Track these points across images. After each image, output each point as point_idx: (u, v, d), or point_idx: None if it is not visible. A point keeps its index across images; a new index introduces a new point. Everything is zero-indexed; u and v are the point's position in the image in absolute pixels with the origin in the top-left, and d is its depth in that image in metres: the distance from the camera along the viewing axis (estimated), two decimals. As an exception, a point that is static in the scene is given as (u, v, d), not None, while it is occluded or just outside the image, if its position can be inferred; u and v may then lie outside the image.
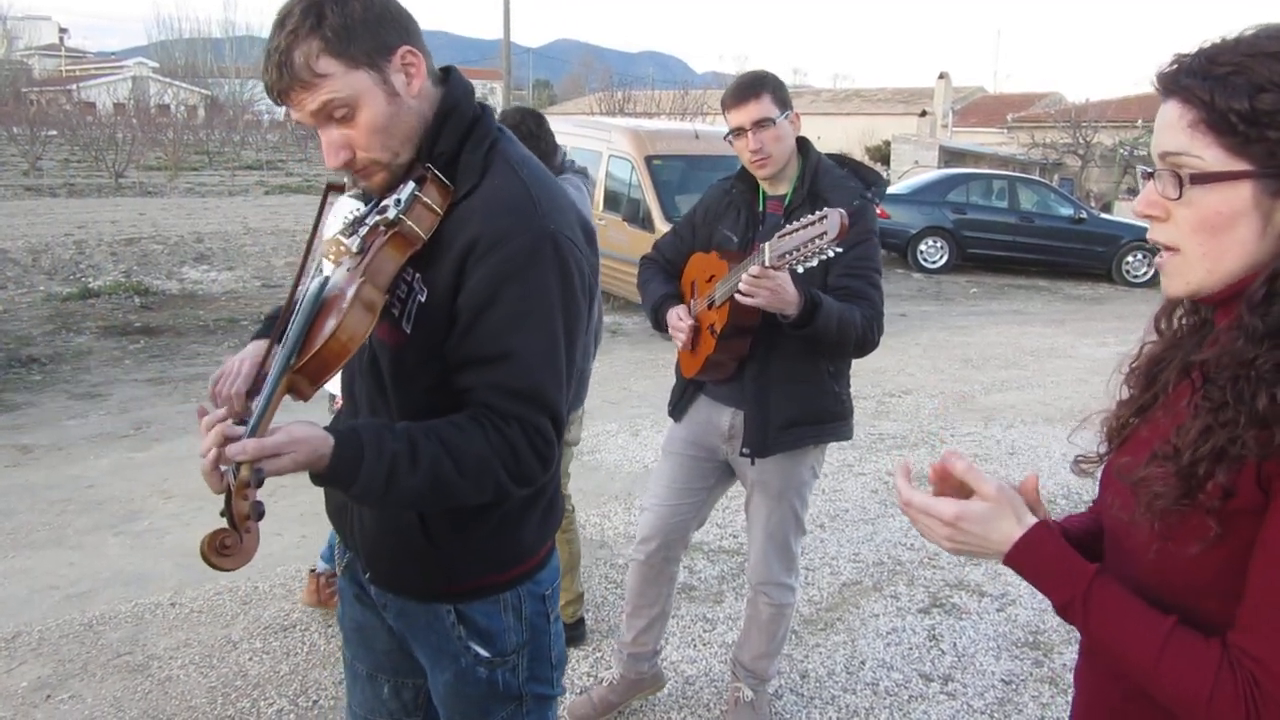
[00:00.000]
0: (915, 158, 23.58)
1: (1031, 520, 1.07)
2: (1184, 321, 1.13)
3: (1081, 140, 23.90)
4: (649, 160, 9.28)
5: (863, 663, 3.41)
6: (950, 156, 23.47)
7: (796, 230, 2.14)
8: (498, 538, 1.57)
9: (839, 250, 2.12)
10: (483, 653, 1.59)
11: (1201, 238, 0.98)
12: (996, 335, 9.71)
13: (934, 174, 16.28)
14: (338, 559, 1.77)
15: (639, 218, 9.13)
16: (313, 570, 3.64)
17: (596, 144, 10.10)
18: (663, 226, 8.47)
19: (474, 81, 1.60)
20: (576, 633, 3.47)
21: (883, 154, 28.22)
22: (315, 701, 3.06)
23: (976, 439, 6.17)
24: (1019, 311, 11.34)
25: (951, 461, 1.10)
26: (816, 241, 2.09)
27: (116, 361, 7.41)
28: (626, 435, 5.96)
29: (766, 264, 2.18)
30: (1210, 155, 0.95)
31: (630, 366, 7.77)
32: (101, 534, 4.34)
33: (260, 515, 1.25)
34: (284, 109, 1.48)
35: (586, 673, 3.28)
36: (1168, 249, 1.02)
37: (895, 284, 12.78)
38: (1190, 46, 1.01)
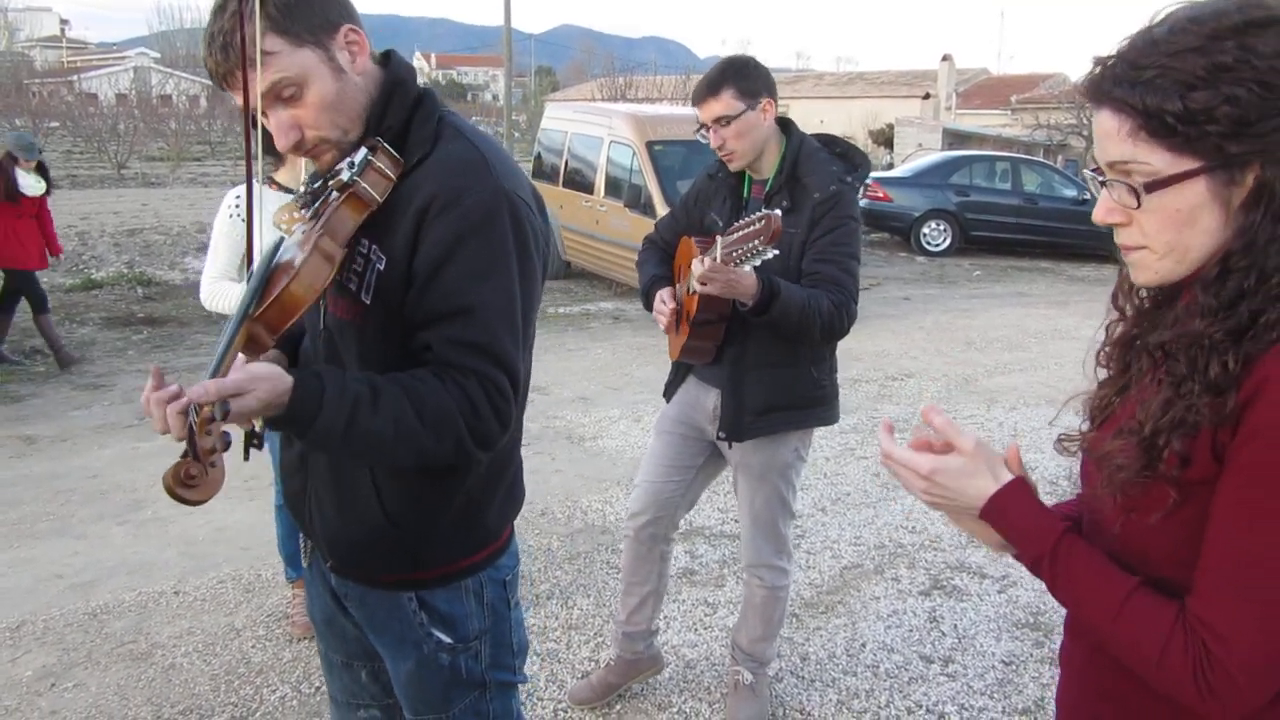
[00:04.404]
0: (919, 140, 23.47)
1: (1008, 477, 1.09)
2: (1144, 298, 1.14)
3: (1085, 121, 23.72)
4: (650, 145, 9.25)
5: (863, 645, 3.42)
6: (954, 139, 23.35)
7: (739, 230, 2.17)
8: (462, 520, 1.56)
9: (776, 252, 2.15)
10: (445, 639, 1.58)
11: (1168, 236, 0.99)
12: (1000, 318, 9.69)
13: (937, 156, 16.20)
14: (302, 549, 1.75)
15: (640, 203, 9.11)
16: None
17: (598, 130, 10.08)
18: (664, 212, 8.45)
19: (476, 69, 1.61)
20: None
21: (886, 137, 28.09)
22: (318, 688, 3.08)
23: (979, 421, 6.16)
24: (1022, 294, 11.30)
25: (930, 416, 1.12)
26: (755, 243, 2.11)
27: (120, 352, 7.43)
28: (628, 421, 5.96)
29: (718, 259, 2.19)
30: (1158, 159, 0.96)
31: (632, 352, 7.77)
32: (105, 523, 4.37)
33: (226, 446, 1.24)
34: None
35: (587, 657, 3.29)
36: (1137, 249, 1.03)
37: (898, 267, 12.76)
38: (1108, 49, 1.01)
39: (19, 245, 6.84)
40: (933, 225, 13.92)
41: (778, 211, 2.13)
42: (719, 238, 2.23)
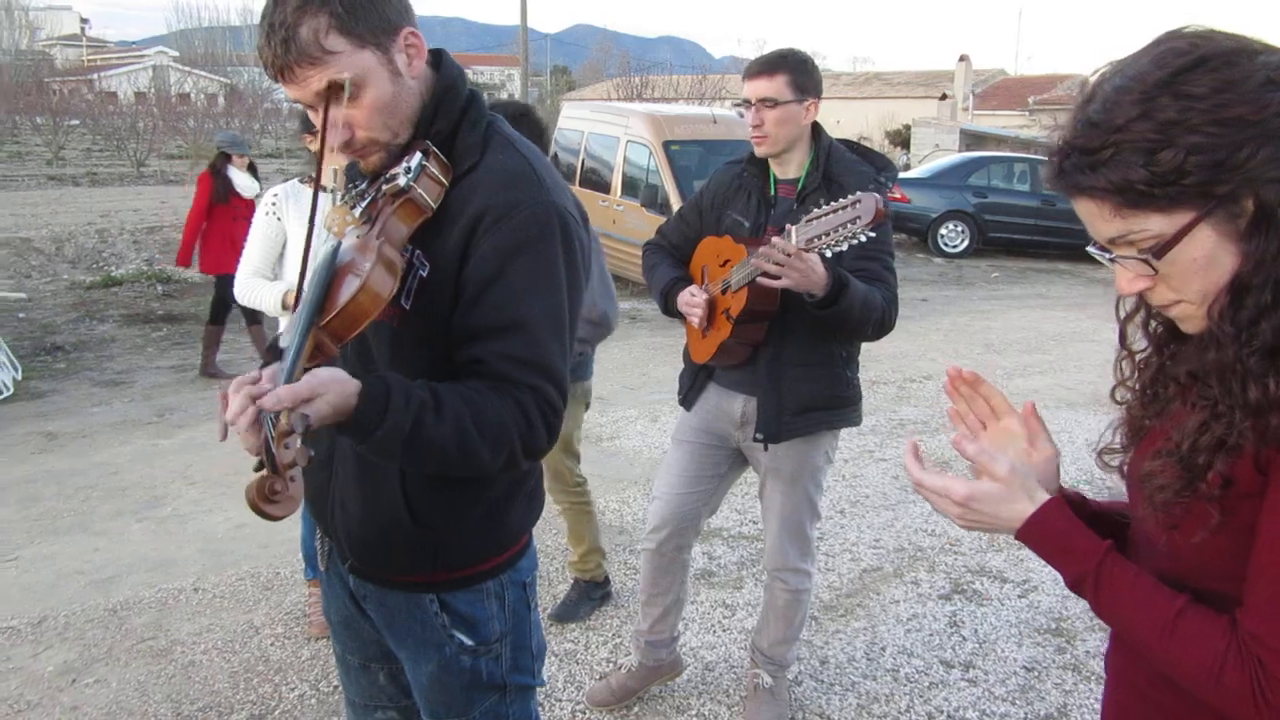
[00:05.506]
0: (936, 141, 23.37)
1: (1044, 497, 1.10)
2: (1157, 327, 1.14)
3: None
4: (667, 145, 9.26)
5: (883, 649, 3.40)
6: (971, 140, 23.23)
7: (826, 214, 2.12)
8: (487, 521, 1.56)
9: (872, 234, 2.11)
10: (467, 641, 1.58)
11: (1197, 284, 0.99)
12: (1018, 320, 9.63)
13: (955, 157, 16.13)
14: (319, 550, 1.73)
15: (656, 203, 9.11)
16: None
17: (614, 129, 10.08)
18: (681, 212, 8.45)
19: (492, 68, 1.59)
20: (604, 590, 3.65)
21: (903, 138, 27.97)
22: (336, 687, 3.08)
23: (998, 424, 6.11)
24: (1041, 295, 11.23)
25: (963, 446, 1.12)
26: (849, 226, 2.08)
27: (139, 349, 7.47)
28: (646, 421, 5.95)
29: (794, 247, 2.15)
30: (1153, 224, 0.96)
31: (649, 352, 7.76)
32: (125, 520, 4.39)
33: (309, 460, 1.22)
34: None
35: (605, 658, 3.28)
36: (1173, 305, 1.03)
37: (916, 269, 12.70)
38: (1055, 141, 1.01)
39: (235, 251, 6.56)
40: (950, 226, 13.86)
41: (875, 194, 2.09)
42: (791, 228, 2.19)
